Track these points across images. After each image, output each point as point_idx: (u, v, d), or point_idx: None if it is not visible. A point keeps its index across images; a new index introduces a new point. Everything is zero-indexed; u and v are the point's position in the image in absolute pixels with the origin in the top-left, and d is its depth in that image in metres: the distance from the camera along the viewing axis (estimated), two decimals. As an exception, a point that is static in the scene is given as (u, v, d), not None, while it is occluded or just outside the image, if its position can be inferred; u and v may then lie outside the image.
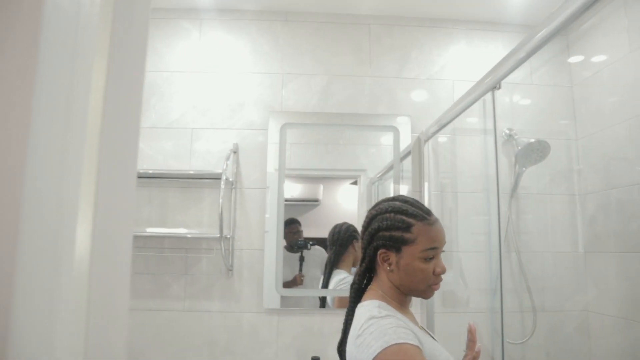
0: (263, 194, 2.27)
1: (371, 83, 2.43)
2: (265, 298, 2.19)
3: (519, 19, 2.49)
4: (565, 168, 2.46)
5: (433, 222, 1.09)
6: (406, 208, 1.10)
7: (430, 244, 1.06)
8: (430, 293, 1.10)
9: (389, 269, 1.09)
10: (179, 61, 2.37)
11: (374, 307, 1.05)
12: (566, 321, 2.33)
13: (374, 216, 1.14)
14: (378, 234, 1.10)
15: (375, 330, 0.96)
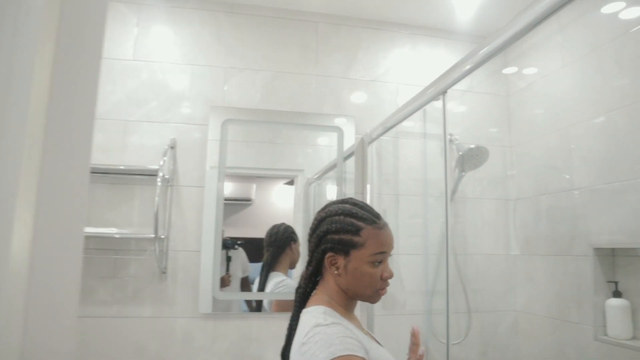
0: (201, 193, 2.19)
1: (316, 82, 2.42)
2: (200, 302, 2.11)
3: (461, 27, 2.58)
4: (500, 174, 2.58)
5: (382, 226, 1.08)
6: (356, 211, 1.08)
7: (379, 248, 1.05)
8: (377, 298, 1.10)
9: (336, 272, 1.07)
10: (113, 47, 2.22)
11: (320, 314, 1.02)
12: (498, 321, 2.45)
13: (322, 218, 1.12)
14: (326, 237, 1.08)
15: (320, 340, 0.93)
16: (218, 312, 2.13)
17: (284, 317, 2.21)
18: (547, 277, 2.24)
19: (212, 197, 2.18)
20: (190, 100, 2.25)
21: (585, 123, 2.05)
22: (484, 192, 2.55)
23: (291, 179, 2.35)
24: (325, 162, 2.40)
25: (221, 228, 2.16)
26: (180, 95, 2.25)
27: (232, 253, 2.20)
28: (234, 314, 2.16)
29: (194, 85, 2.27)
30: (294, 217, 2.32)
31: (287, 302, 2.20)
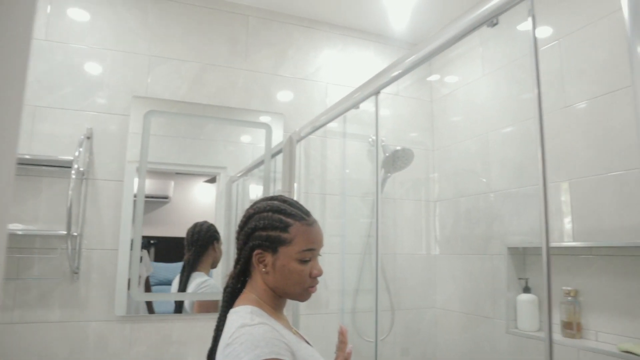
0: (119, 188, 2.07)
1: (245, 77, 2.39)
2: (117, 304, 1.99)
3: (391, 32, 2.68)
4: (422, 176, 2.71)
5: (311, 223, 1.08)
6: (285, 208, 1.08)
7: (307, 245, 1.05)
8: (307, 296, 1.09)
9: (264, 270, 1.06)
10: (21, 25, 2.03)
11: (247, 314, 1.00)
12: (419, 318, 2.57)
13: (251, 215, 1.10)
14: (254, 234, 1.06)
15: (246, 341, 0.91)
16: (135, 315, 2.02)
17: (206, 318, 2.18)
18: (465, 276, 2.39)
19: (130, 192, 2.07)
20: (110, 89, 2.12)
21: (501, 130, 2.22)
22: (407, 193, 2.66)
23: (213, 176, 2.30)
24: (249, 160, 2.37)
25: (141, 226, 2.06)
26: (98, 82, 2.11)
27: (142, 253, 2.10)
28: (153, 316, 2.06)
29: (114, 72, 2.14)
30: (215, 216, 2.26)
31: (210, 303, 2.14)
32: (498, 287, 2.14)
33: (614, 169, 1.68)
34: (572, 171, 1.84)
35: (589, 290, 1.75)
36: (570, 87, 1.87)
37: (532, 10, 1.19)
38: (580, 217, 1.79)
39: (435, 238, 2.65)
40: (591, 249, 1.75)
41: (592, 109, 1.78)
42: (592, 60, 1.79)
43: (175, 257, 2.18)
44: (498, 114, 2.25)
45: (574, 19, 1.88)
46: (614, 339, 1.65)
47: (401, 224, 2.62)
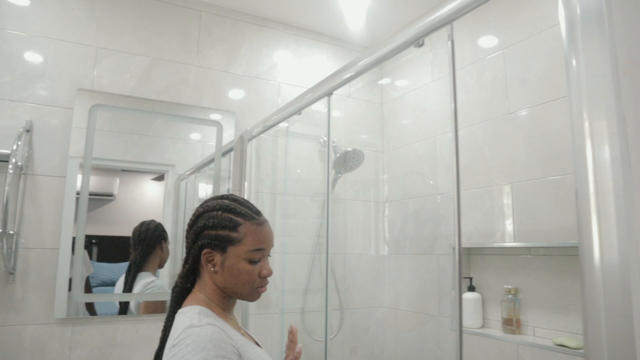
0: (61, 184, 1.99)
1: (196, 73, 2.36)
2: (57, 306, 1.91)
3: (344, 34, 2.73)
4: (372, 177, 2.77)
5: (261, 223, 1.08)
6: (234, 207, 1.07)
7: (257, 245, 1.05)
8: (257, 296, 1.10)
9: (212, 270, 1.05)
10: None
11: (194, 314, 0.99)
12: (368, 317, 2.62)
13: (200, 214, 1.09)
14: (203, 233, 1.06)
15: (192, 342, 0.90)
16: (77, 317, 1.95)
17: (152, 319, 2.14)
18: (412, 275, 2.47)
19: (72, 189, 2.00)
20: (53, 80, 2.04)
21: (448, 134, 2.31)
22: (357, 194, 2.72)
23: (161, 174, 2.25)
24: (198, 158, 2.34)
25: (84, 225, 1.99)
26: (40, 72, 2.02)
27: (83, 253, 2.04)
28: (97, 318, 2.00)
29: (58, 63, 2.06)
30: (162, 215, 2.22)
31: (156, 304, 2.10)
32: (444, 286, 2.22)
33: (551, 173, 1.79)
34: (513, 175, 1.94)
35: (527, 288, 1.86)
36: (514, 95, 1.97)
37: (451, 35, 1.27)
38: (521, 218, 1.90)
39: (384, 238, 2.72)
40: (530, 249, 1.86)
41: (532, 116, 1.89)
42: (534, 70, 1.90)
43: (120, 257, 2.12)
44: (446, 118, 2.33)
45: (517, 31, 1.99)
46: (549, 333, 1.76)
47: (351, 224, 2.67)
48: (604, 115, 0.73)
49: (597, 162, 0.74)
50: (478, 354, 2.01)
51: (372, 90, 2.86)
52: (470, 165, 2.16)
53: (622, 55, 0.71)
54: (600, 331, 0.71)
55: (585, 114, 0.76)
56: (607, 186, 0.73)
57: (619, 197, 0.71)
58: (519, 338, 1.82)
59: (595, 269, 0.73)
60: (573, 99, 0.78)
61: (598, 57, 0.75)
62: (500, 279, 1.98)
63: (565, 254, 1.73)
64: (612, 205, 0.71)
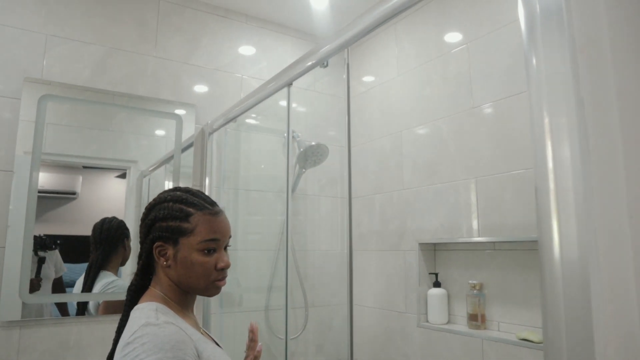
0: (7, 180, 1.92)
1: (155, 64, 2.30)
2: (4, 308, 1.84)
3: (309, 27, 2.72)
4: (338, 172, 2.78)
5: (215, 213, 1.06)
6: (186, 197, 1.05)
7: (209, 235, 1.02)
8: (214, 290, 1.06)
9: (165, 264, 1.02)
10: None
11: (151, 311, 0.96)
12: (333, 315, 2.64)
13: (152, 206, 1.07)
14: (155, 225, 1.03)
15: (149, 342, 0.87)
16: (26, 319, 1.88)
17: (110, 320, 2.09)
18: (379, 271, 2.49)
19: (24, 187, 1.93)
20: (-2, 68, 1.96)
21: (414, 130, 2.33)
22: (323, 189, 2.72)
23: (124, 170, 2.20)
24: (162, 154, 2.30)
25: (33, 223, 1.92)
26: (-16, 60, 1.94)
27: (47, 254, 1.98)
28: (48, 320, 1.93)
29: (3, 50, 1.97)
30: (125, 212, 2.18)
31: (117, 304, 2.05)
32: (410, 282, 2.25)
33: (515, 168, 1.83)
34: (478, 170, 1.98)
35: (492, 283, 1.90)
36: (478, 90, 2.01)
37: (347, 59, 1.29)
38: (485, 213, 1.94)
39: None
40: (494, 243, 1.90)
41: (496, 111, 1.93)
42: (497, 65, 1.94)
43: (84, 258, 2.07)
44: (412, 113, 2.36)
45: (480, 26, 2.02)
46: (513, 328, 1.81)
47: (316, 220, 2.67)
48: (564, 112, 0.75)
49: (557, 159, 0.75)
50: (444, 350, 2.05)
51: (338, 84, 2.87)
52: (435, 160, 2.19)
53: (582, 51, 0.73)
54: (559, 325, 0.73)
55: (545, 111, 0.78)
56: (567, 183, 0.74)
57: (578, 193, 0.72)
58: (483, 333, 1.86)
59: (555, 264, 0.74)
60: (533, 95, 0.80)
61: (557, 54, 0.76)
62: (465, 274, 2.02)
63: (529, 249, 1.78)
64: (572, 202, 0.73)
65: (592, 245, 0.70)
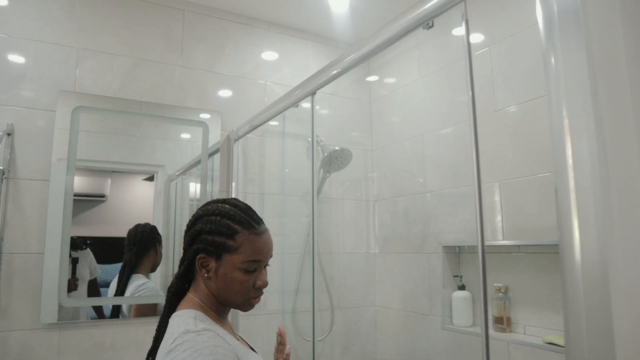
0: (45, 188, 1.99)
1: (181, 73, 2.36)
2: (43, 311, 1.91)
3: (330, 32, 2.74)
4: (361, 175, 2.79)
5: (261, 233, 1.06)
6: (234, 213, 1.05)
7: (253, 256, 1.03)
8: (249, 307, 1.07)
9: (206, 275, 1.04)
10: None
11: (190, 319, 0.98)
12: (359, 317, 2.64)
13: (199, 217, 1.08)
14: (200, 237, 1.04)
15: (189, 348, 0.89)
16: (64, 322, 1.95)
17: (143, 322, 2.15)
18: (403, 274, 2.49)
19: (59, 192, 2.00)
20: (34, 82, 2.04)
21: (437, 132, 2.33)
22: (347, 192, 2.73)
23: (151, 174, 2.26)
24: (188, 158, 2.35)
25: (70, 228, 1.99)
26: (20, 74, 2.02)
27: (79, 254, 2.04)
28: (85, 323, 2.00)
29: (38, 64, 2.06)
30: (153, 215, 2.24)
31: (147, 307, 2.11)
32: (434, 285, 2.24)
33: (538, 171, 1.81)
34: (502, 172, 1.96)
35: (517, 286, 1.88)
36: (500, 92, 1.99)
37: (465, 15, 1.25)
38: (510, 216, 1.92)
39: (375, 237, 2.74)
40: (519, 247, 1.88)
41: (520, 113, 1.91)
42: (520, 67, 1.92)
43: (113, 258, 2.15)
44: (433, 116, 2.36)
45: (503, 27, 2.01)
46: (539, 331, 1.79)
47: (341, 223, 2.69)
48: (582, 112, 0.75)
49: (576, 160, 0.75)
50: (468, 353, 2.04)
51: (360, 88, 2.88)
52: (458, 163, 2.18)
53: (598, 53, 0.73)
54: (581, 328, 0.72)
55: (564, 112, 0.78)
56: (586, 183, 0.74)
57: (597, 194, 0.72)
58: (509, 336, 1.85)
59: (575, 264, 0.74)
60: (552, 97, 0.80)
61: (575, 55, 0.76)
62: (490, 277, 2.00)
63: (554, 252, 1.75)
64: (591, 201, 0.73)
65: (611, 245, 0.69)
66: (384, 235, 2.67)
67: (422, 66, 2.49)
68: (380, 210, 2.72)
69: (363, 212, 2.77)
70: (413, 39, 2.54)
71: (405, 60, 2.62)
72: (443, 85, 2.34)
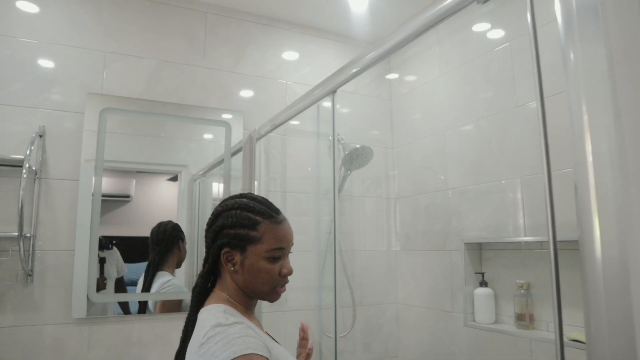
0: (74, 187, 2.05)
1: (204, 74, 2.39)
2: (74, 306, 1.97)
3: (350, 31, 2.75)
4: (382, 173, 2.79)
5: (281, 221, 1.09)
6: (253, 205, 1.08)
7: (276, 244, 1.06)
8: (276, 296, 1.09)
9: (232, 269, 1.06)
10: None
11: (220, 312, 1.00)
12: (381, 313, 2.64)
13: (219, 213, 1.11)
14: (222, 232, 1.06)
15: (221, 340, 0.91)
16: (94, 317, 2.01)
17: (168, 318, 2.19)
18: (425, 271, 2.48)
19: (88, 192, 2.05)
20: (63, 85, 2.10)
21: (458, 129, 2.31)
22: (368, 190, 2.73)
23: (175, 174, 2.30)
24: (210, 158, 2.39)
25: (98, 227, 2.05)
26: (51, 78, 2.08)
27: (106, 253, 2.09)
28: (113, 318, 2.06)
29: (67, 68, 2.12)
30: (177, 215, 2.27)
31: (172, 303, 2.16)
32: (456, 282, 2.23)
33: (561, 166, 1.78)
34: (523, 168, 1.93)
35: (540, 283, 1.86)
36: (521, 88, 1.97)
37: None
38: (532, 212, 1.90)
39: (396, 234, 2.73)
40: (542, 243, 1.86)
41: (542, 108, 1.87)
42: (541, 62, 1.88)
43: (139, 257, 2.20)
44: (454, 113, 2.34)
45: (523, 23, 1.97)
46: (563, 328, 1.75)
47: (362, 220, 2.69)
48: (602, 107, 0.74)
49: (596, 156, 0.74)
50: (491, 350, 2.02)
51: (381, 86, 2.88)
52: (479, 160, 2.16)
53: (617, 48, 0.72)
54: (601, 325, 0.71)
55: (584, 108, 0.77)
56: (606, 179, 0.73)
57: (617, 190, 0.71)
58: (532, 333, 1.83)
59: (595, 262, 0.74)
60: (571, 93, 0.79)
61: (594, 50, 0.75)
62: (512, 273, 1.98)
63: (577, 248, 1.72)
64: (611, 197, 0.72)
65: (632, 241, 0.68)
66: (406, 232, 2.67)
67: (443, 63, 2.47)
68: (402, 208, 2.71)
69: (384, 210, 2.76)
70: (433, 36, 2.53)
71: (425, 57, 2.61)
72: (464, 82, 2.32)
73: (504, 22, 2.10)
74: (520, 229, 1.95)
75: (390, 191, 2.79)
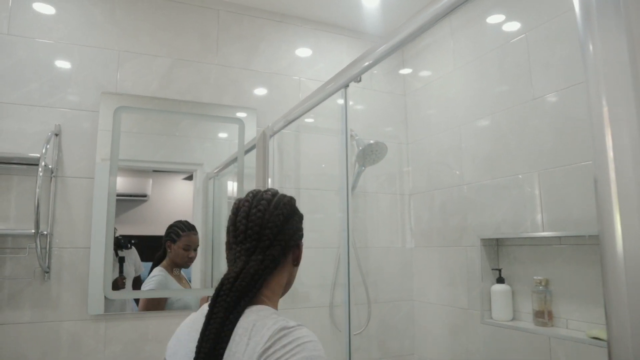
0: (90, 185, 2.07)
1: (217, 72, 2.40)
2: (90, 303, 1.99)
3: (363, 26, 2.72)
4: (397, 169, 2.76)
5: None
6: (290, 199, 1.08)
7: None
8: None
9: (295, 263, 1.07)
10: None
11: (276, 315, 0.93)
12: (396, 311, 2.63)
13: (292, 210, 1.06)
14: (288, 229, 1.02)
15: (293, 341, 0.86)
16: (110, 313, 2.03)
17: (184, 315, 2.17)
18: (440, 267, 2.46)
19: (103, 191, 2.07)
20: (79, 85, 2.11)
21: (473, 124, 2.28)
22: (382, 186, 2.71)
23: (190, 173, 2.31)
24: (225, 156, 2.39)
25: (113, 224, 2.06)
26: (66, 78, 2.10)
27: (125, 253, 2.11)
28: (129, 314, 2.08)
29: (82, 68, 2.13)
30: (193, 214, 2.28)
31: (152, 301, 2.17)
32: (472, 278, 2.20)
33: (579, 160, 1.75)
34: (540, 162, 1.90)
35: (559, 279, 1.83)
36: (538, 80, 1.93)
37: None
38: (550, 207, 1.86)
39: (411, 231, 2.71)
40: (560, 238, 1.82)
41: (558, 101, 1.84)
42: (558, 54, 1.85)
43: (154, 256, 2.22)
44: (469, 107, 2.31)
45: (539, 14, 1.94)
46: (583, 325, 1.73)
47: (377, 217, 2.67)
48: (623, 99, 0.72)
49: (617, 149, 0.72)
50: (508, 347, 1.99)
51: (394, 81, 2.85)
52: (495, 154, 2.13)
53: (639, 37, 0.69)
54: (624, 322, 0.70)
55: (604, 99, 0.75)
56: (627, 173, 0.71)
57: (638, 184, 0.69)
58: (551, 331, 1.79)
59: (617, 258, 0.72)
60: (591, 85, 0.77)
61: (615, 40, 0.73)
62: (530, 270, 1.95)
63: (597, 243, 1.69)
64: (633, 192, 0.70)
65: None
66: (421, 228, 2.64)
67: (457, 57, 2.44)
68: (416, 204, 2.69)
69: (399, 206, 2.74)
70: (447, 29, 2.50)
71: (439, 51, 2.58)
72: (479, 76, 2.28)
73: (519, 13, 2.06)
74: (538, 224, 1.91)
75: (404, 187, 2.77)
